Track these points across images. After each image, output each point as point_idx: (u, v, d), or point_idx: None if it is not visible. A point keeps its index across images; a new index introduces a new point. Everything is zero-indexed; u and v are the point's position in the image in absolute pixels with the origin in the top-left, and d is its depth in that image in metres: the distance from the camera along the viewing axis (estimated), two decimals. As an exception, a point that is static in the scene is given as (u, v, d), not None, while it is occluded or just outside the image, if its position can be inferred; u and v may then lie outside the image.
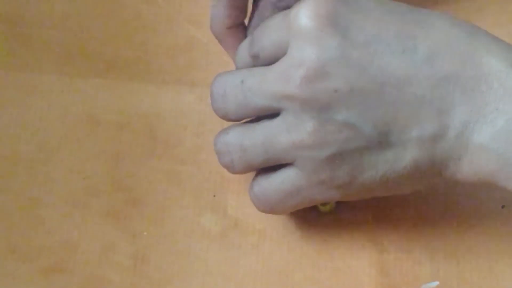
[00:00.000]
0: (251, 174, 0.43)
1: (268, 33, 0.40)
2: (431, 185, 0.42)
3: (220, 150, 0.42)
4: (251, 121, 0.41)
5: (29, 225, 0.44)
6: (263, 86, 0.39)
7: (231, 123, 0.42)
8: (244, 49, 0.42)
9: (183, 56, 0.50)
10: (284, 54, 0.39)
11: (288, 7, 0.41)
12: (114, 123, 0.48)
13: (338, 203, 0.45)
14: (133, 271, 0.44)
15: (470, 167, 0.38)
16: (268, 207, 0.42)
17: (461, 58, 0.37)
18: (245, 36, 0.46)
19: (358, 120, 0.38)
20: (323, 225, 0.45)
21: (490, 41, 0.38)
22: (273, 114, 0.40)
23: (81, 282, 0.43)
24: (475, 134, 0.37)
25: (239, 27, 0.46)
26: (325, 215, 0.45)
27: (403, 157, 0.38)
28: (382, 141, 0.38)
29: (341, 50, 0.37)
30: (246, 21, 0.47)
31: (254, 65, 0.41)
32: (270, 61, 0.40)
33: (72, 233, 0.44)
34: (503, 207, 0.45)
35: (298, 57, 0.38)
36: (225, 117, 0.42)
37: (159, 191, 0.46)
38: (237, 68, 0.43)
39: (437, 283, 0.43)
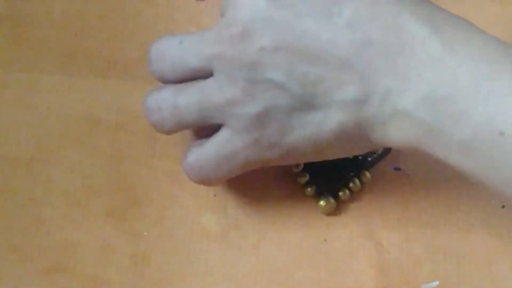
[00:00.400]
0: (252, 174, 0.43)
1: None
2: (364, 149, 0.42)
3: (151, 107, 0.42)
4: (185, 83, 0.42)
5: (29, 225, 0.45)
6: (198, 46, 0.40)
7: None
8: None
9: (183, 56, 0.50)
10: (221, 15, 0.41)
11: None
12: (114, 123, 0.48)
13: (339, 203, 0.45)
14: (133, 271, 0.44)
15: (396, 133, 0.38)
16: (204, 175, 0.42)
17: (384, 23, 0.38)
18: None
19: (285, 79, 0.39)
20: (323, 225, 0.45)
21: (416, 4, 0.39)
22: (207, 76, 0.41)
23: (81, 282, 0.43)
24: (399, 100, 0.37)
25: None
26: (325, 216, 0.45)
27: (329, 119, 0.39)
28: (308, 101, 0.39)
29: (268, 11, 0.38)
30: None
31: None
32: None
33: (72, 233, 0.44)
34: (503, 207, 0.45)
35: (230, 18, 0.39)
36: (161, 79, 0.43)
37: (159, 191, 0.46)
38: None
39: (437, 283, 0.43)
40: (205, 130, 0.43)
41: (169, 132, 0.43)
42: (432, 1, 0.40)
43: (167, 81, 0.42)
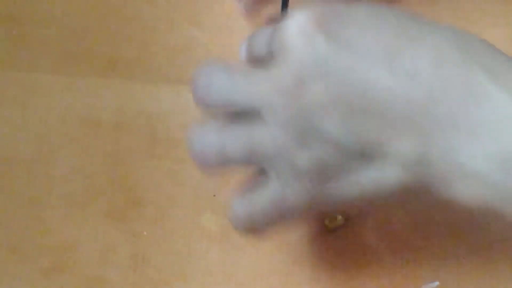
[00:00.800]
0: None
1: (260, 39, 0.40)
2: (428, 207, 0.39)
3: (195, 147, 0.40)
4: (230, 121, 0.40)
5: (29, 225, 0.45)
6: (249, 86, 0.38)
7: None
8: (243, 51, 0.42)
9: (183, 56, 0.50)
10: (273, 60, 0.38)
11: None
12: (114, 123, 0.48)
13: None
14: (133, 271, 0.44)
15: (463, 192, 0.36)
16: (254, 227, 0.40)
17: (449, 75, 0.35)
18: None
19: (340, 130, 0.36)
20: (323, 225, 0.45)
21: (484, 56, 0.36)
22: (254, 115, 0.38)
23: (81, 282, 0.43)
24: (465, 158, 0.35)
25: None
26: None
27: (387, 176, 0.36)
28: (364, 155, 0.36)
29: (325, 59, 0.36)
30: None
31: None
32: (261, 65, 0.39)
33: (72, 233, 0.44)
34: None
35: (283, 64, 0.37)
36: (204, 106, 0.40)
37: (159, 191, 0.46)
38: (249, 54, 0.43)
39: (437, 283, 0.43)
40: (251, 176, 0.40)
41: (213, 171, 0.40)
42: (478, 37, 0.37)
43: (209, 109, 0.40)
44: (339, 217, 0.45)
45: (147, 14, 0.51)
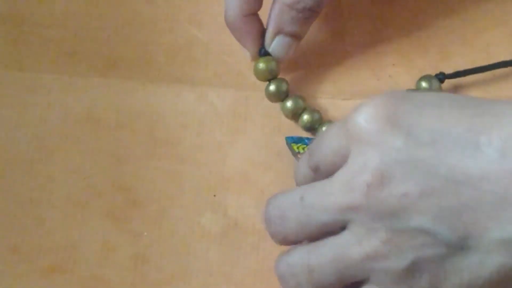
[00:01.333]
0: (252, 175, 0.43)
1: (326, 143, 0.37)
2: None
3: (284, 273, 0.38)
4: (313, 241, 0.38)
5: (29, 225, 0.45)
6: (326, 199, 0.36)
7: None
8: (303, 162, 0.39)
9: (183, 55, 0.50)
10: (345, 162, 0.36)
11: (305, 8, 0.40)
12: (114, 123, 0.48)
13: None
14: (133, 271, 0.44)
15: None
16: None
17: None
18: (261, 26, 0.47)
19: (433, 224, 0.34)
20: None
21: None
22: (335, 228, 0.37)
23: (81, 282, 0.43)
24: None
25: (255, 16, 0.46)
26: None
27: (488, 263, 0.34)
28: (462, 245, 0.34)
29: (406, 151, 0.34)
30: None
31: (316, 178, 0.38)
32: (332, 172, 0.37)
33: (72, 233, 0.44)
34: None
35: (360, 163, 0.35)
36: (284, 240, 0.39)
37: (159, 191, 0.46)
38: (297, 183, 0.41)
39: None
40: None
41: None
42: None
43: (290, 243, 0.39)
44: None
45: (147, 14, 0.51)
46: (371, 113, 0.35)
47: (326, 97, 0.49)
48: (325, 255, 0.36)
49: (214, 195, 0.46)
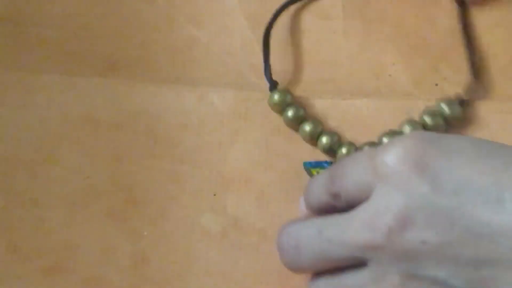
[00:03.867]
0: (252, 175, 0.43)
1: (351, 173, 0.37)
2: None
3: None
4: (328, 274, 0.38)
5: (29, 225, 0.45)
6: (346, 236, 0.36)
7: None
8: (321, 186, 0.39)
9: (183, 55, 0.50)
10: (367, 197, 0.36)
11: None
12: (114, 123, 0.48)
13: None
14: (133, 271, 0.44)
15: None
16: None
17: None
18: None
19: (449, 276, 0.34)
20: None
21: None
22: (355, 263, 0.36)
23: (81, 282, 0.43)
24: None
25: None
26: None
27: None
28: None
29: (430, 199, 0.34)
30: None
31: (334, 204, 0.38)
32: (351, 203, 0.37)
33: (72, 233, 0.44)
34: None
35: (384, 204, 0.34)
36: (298, 270, 0.39)
37: (159, 191, 0.46)
38: (309, 203, 0.40)
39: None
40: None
41: None
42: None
43: (304, 272, 0.39)
44: None
45: (147, 14, 0.51)
46: (400, 155, 0.35)
47: (326, 97, 0.49)
48: None
49: (214, 195, 0.46)
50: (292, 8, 0.51)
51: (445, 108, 0.47)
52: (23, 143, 0.47)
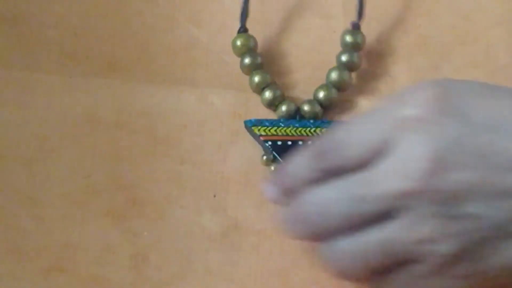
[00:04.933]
0: (252, 175, 0.43)
1: (364, 134, 0.37)
2: None
3: (330, 257, 0.38)
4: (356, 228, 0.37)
5: (29, 225, 0.44)
6: (375, 189, 0.35)
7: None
8: (305, 168, 0.39)
9: (184, 56, 0.50)
10: (383, 154, 0.35)
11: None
12: (114, 123, 0.47)
13: None
14: (133, 271, 0.44)
15: None
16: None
17: None
18: None
19: (486, 210, 0.34)
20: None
21: None
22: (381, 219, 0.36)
23: (81, 282, 0.43)
24: None
25: None
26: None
27: None
28: (507, 228, 0.35)
29: (461, 139, 0.34)
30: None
31: (323, 179, 0.38)
32: (349, 169, 0.37)
33: (72, 233, 0.44)
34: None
35: (414, 151, 0.34)
36: (323, 232, 0.38)
37: (159, 191, 0.46)
38: (294, 186, 0.39)
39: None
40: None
41: (354, 279, 0.39)
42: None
43: (329, 234, 0.38)
44: None
45: (147, 14, 0.51)
46: (421, 99, 0.35)
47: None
48: (373, 241, 0.36)
49: (214, 195, 0.46)
50: (292, 7, 0.51)
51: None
52: (23, 142, 0.47)
